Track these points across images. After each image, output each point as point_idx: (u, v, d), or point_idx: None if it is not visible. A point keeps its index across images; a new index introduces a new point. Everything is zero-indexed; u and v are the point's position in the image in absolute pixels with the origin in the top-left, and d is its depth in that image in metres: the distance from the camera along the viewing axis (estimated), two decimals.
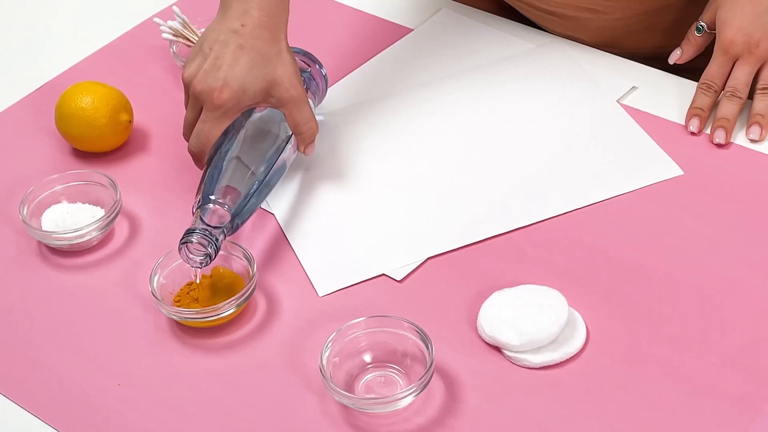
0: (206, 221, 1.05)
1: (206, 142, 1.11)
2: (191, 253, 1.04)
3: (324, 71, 1.23)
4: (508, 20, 1.38)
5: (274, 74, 1.10)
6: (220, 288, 1.07)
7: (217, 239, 1.04)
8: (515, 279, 1.06)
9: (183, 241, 1.04)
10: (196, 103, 1.11)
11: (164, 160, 1.23)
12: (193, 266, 1.05)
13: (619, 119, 1.23)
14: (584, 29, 1.33)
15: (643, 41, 1.33)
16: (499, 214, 1.13)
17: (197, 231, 1.04)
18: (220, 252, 1.07)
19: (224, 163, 1.09)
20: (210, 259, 1.04)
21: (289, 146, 1.13)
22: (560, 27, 1.34)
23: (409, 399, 0.96)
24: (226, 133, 1.11)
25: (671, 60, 1.26)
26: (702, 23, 1.23)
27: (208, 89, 1.09)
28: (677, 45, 1.26)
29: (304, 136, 1.13)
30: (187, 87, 1.12)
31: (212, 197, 1.07)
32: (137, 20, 1.43)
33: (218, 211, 1.06)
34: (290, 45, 1.13)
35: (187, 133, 1.14)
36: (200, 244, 1.04)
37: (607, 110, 1.24)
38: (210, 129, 1.10)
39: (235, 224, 1.07)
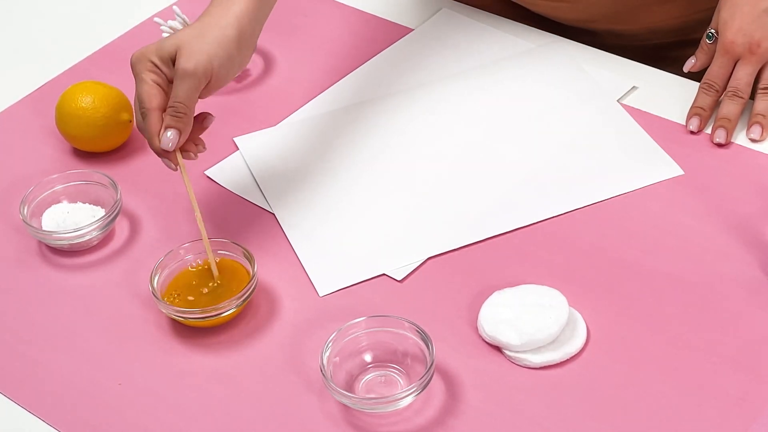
0: None
1: None
2: None
3: None
4: (509, 20, 1.38)
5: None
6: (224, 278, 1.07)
7: None
8: (516, 279, 1.06)
9: None
10: None
11: None
12: None
13: (619, 119, 1.23)
14: (596, 7, 1.31)
15: (660, 14, 1.31)
16: (499, 214, 1.13)
17: None
18: (220, 252, 1.07)
19: None
20: None
21: None
22: (571, 12, 1.33)
23: (410, 399, 0.96)
24: None
25: (686, 68, 1.25)
26: (711, 30, 1.22)
27: None
28: (696, 17, 1.24)
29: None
30: None
31: None
32: (137, 20, 1.43)
33: None
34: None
35: None
36: None
37: (607, 110, 1.24)
38: None
39: None
